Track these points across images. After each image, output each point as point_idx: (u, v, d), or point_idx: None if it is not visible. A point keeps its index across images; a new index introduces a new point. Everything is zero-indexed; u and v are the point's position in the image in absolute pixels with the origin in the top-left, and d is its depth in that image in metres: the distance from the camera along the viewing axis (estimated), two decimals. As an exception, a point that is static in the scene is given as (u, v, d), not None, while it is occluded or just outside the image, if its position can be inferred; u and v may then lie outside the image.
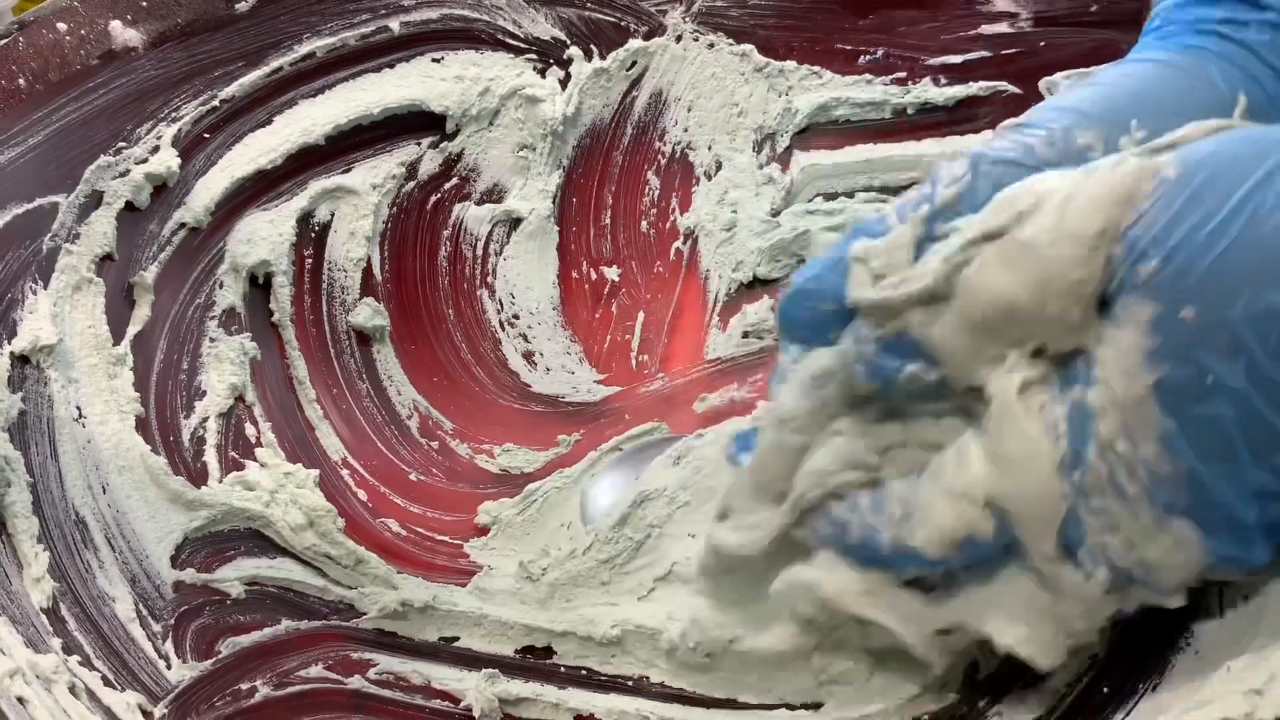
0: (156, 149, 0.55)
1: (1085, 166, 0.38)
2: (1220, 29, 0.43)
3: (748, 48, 0.65)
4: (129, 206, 0.55)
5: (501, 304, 0.62)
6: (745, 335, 0.62)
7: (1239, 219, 0.35)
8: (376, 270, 0.60)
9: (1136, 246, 0.36)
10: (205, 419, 0.55)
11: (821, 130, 0.65)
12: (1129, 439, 0.36)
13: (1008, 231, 0.38)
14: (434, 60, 0.61)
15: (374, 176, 0.60)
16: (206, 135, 0.56)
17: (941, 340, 0.40)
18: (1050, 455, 0.38)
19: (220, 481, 0.53)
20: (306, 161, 0.58)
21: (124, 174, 0.54)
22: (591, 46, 0.63)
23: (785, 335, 0.44)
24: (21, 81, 0.52)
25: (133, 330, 0.54)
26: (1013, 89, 0.60)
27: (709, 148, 0.65)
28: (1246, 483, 0.36)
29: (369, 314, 0.60)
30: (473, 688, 0.49)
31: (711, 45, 0.65)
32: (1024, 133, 0.41)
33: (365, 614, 0.52)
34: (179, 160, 0.55)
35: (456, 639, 0.51)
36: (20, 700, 0.41)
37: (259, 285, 0.58)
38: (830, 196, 0.65)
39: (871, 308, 0.41)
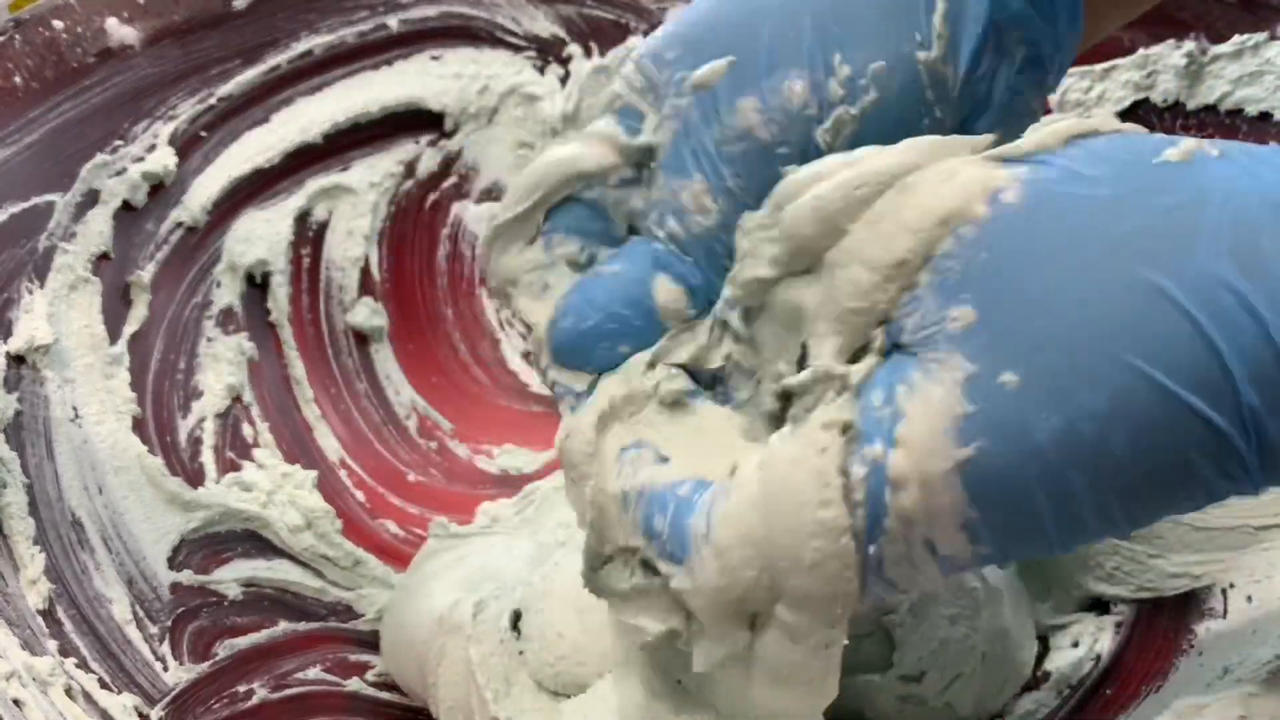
0: (153, 147, 0.55)
1: (902, 154, 0.32)
2: None
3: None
4: (126, 205, 0.54)
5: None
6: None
7: (1090, 270, 0.29)
8: (374, 269, 0.60)
9: (948, 282, 0.30)
10: (202, 419, 0.54)
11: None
12: (929, 521, 0.30)
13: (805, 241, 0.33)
14: (433, 58, 0.61)
15: (372, 175, 0.60)
16: (203, 134, 0.56)
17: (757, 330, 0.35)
18: (841, 528, 0.31)
19: (217, 482, 0.53)
20: (304, 160, 0.58)
21: (120, 173, 0.54)
22: (591, 44, 0.63)
23: (562, 362, 0.38)
24: (18, 79, 0.52)
25: (129, 330, 0.54)
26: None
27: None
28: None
29: (367, 313, 0.59)
30: (471, 690, 0.48)
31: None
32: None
33: (363, 615, 0.52)
34: (176, 159, 0.55)
35: (455, 641, 0.51)
36: (16, 703, 0.41)
37: (256, 285, 0.57)
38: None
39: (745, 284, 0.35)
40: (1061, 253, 0.29)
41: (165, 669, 0.48)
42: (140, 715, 0.45)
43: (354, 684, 0.50)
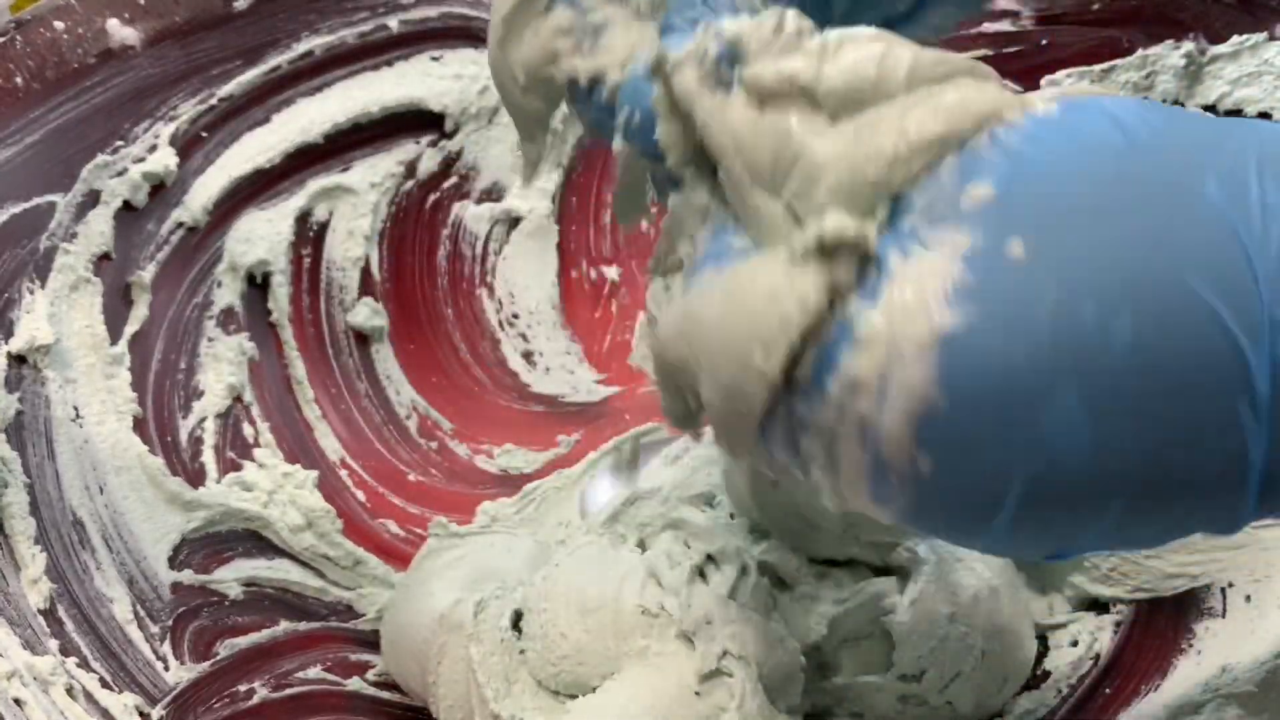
0: (154, 148, 0.55)
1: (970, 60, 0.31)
2: None
3: (748, 46, 0.64)
4: (126, 206, 0.54)
5: (501, 303, 0.62)
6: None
7: (1112, 168, 0.28)
8: (375, 269, 0.60)
9: (975, 165, 0.29)
10: (203, 419, 0.54)
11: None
12: (879, 395, 0.28)
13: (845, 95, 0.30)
14: (433, 59, 0.61)
15: (372, 175, 0.60)
16: (204, 134, 0.56)
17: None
18: (767, 382, 0.29)
19: (218, 482, 0.53)
20: (305, 160, 0.58)
21: (121, 173, 0.54)
22: (591, 45, 0.63)
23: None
24: (19, 80, 0.52)
25: (130, 330, 0.54)
26: (1014, 87, 0.60)
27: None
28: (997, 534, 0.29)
29: (367, 313, 0.59)
30: (472, 689, 0.49)
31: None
32: None
33: (364, 615, 0.52)
34: (177, 159, 0.55)
35: (455, 640, 0.51)
36: (17, 702, 0.41)
37: (257, 285, 0.57)
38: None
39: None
40: (1084, 152, 0.28)
41: (166, 668, 0.48)
42: (141, 714, 0.45)
43: (354, 683, 0.50)
